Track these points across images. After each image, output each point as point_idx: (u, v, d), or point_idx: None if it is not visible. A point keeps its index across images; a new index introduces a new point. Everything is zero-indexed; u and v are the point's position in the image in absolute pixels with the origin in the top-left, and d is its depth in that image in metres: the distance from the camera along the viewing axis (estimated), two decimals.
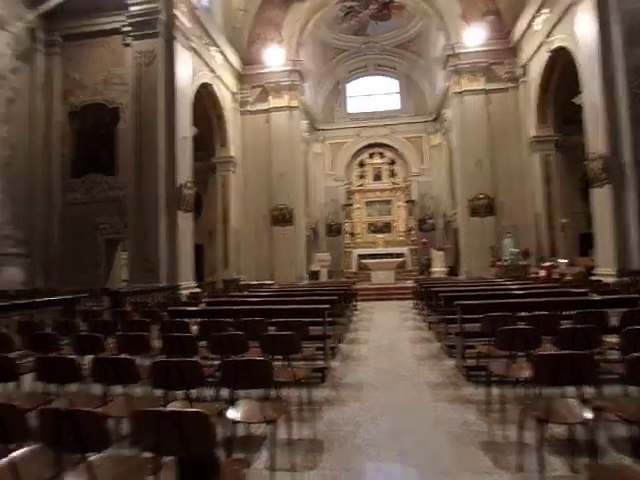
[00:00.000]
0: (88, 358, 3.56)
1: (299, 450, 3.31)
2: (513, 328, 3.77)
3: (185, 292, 10.89)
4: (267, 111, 17.40)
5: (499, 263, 14.14)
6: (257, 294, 8.67)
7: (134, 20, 11.81)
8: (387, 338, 8.10)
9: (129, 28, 11.92)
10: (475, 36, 15.71)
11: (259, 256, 16.76)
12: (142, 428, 1.73)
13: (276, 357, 3.73)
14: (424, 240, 21.04)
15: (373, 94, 23.64)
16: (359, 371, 5.77)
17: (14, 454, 1.98)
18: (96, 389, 3.66)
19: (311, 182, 21.19)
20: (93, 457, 1.96)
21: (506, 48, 15.89)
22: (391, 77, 23.34)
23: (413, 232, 21.99)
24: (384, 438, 3.57)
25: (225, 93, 16.03)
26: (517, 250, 14.04)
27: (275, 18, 17.24)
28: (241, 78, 17.29)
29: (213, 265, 16.01)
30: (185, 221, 11.92)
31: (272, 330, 4.47)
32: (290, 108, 17.36)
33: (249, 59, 17.25)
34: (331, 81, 23.16)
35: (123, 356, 2.97)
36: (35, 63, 12.11)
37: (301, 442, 3.47)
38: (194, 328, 4.72)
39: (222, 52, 15.31)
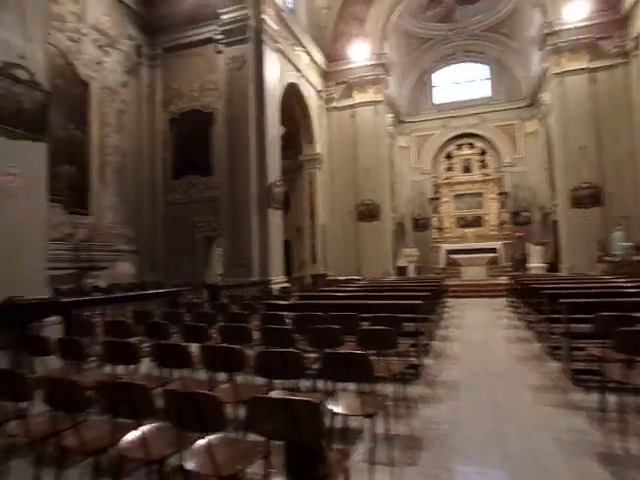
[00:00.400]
0: (194, 346, 3.85)
1: (397, 445, 3.28)
2: (636, 330, 3.40)
3: (275, 286, 11.30)
4: (352, 107, 17.45)
5: (608, 258, 12.85)
6: (346, 289, 8.74)
7: (226, 28, 12.44)
8: (480, 336, 7.76)
9: (221, 36, 12.57)
10: (577, 10, 14.37)
11: (346, 251, 16.89)
12: (256, 413, 1.82)
13: (369, 352, 3.73)
14: (519, 234, 19.77)
15: (461, 82, 22.65)
16: (453, 369, 5.58)
17: (143, 428, 2.19)
18: (201, 375, 3.94)
19: (397, 176, 20.87)
20: (209, 437, 2.10)
21: (614, 19, 14.31)
22: (481, 63, 22.17)
23: (506, 226, 20.77)
24: (485, 440, 3.42)
25: (311, 91, 16.33)
26: (630, 244, 12.65)
27: (358, 13, 17.19)
28: (326, 75, 17.51)
29: (301, 260, 16.44)
30: (275, 218, 12.37)
31: (365, 325, 4.48)
32: (375, 102, 17.24)
33: (333, 56, 17.39)
34: (416, 72, 22.57)
35: (229, 345, 3.14)
36: (141, 76, 13.25)
37: (398, 438, 3.44)
38: (288, 321, 4.88)
39: (307, 51, 15.61)
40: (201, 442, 2.11)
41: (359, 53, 16.77)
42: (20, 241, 5.59)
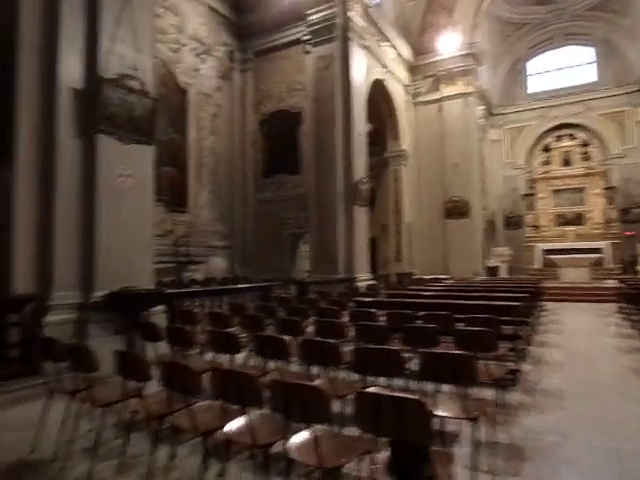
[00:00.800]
0: (288, 339, 3.95)
1: (498, 454, 3.12)
2: None
3: (361, 284, 11.30)
4: (439, 100, 16.90)
5: None
6: (435, 288, 8.49)
7: (313, 28, 12.63)
8: (585, 344, 7.12)
9: (308, 36, 12.79)
10: None
11: (432, 250, 16.43)
12: (362, 408, 1.82)
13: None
14: (629, 233, 17.87)
15: (560, 68, 20.93)
16: (554, 377, 5.18)
17: (249, 415, 2.29)
18: (294, 367, 4.05)
19: (487, 172, 19.85)
20: (313, 428, 2.14)
21: None
22: (584, 45, 20.31)
23: (613, 224, 18.86)
24: (599, 456, 3.12)
25: (397, 87, 16.07)
26: None
27: (447, 2, 16.56)
28: (412, 70, 17.13)
29: (386, 258, 16.27)
30: (361, 215, 12.37)
31: (460, 326, 4.31)
32: (464, 95, 16.54)
33: (420, 49, 16.96)
34: (509, 60, 21.28)
35: (326, 340, 3.18)
36: (233, 80, 13.90)
37: (499, 445, 3.26)
38: (380, 318, 4.84)
39: (394, 46, 15.38)
40: (305, 433, 2.15)
41: (448, 44, 16.16)
42: (131, 237, 6.14)
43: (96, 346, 3.24)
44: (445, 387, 3.29)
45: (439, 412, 2.60)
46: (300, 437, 2.16)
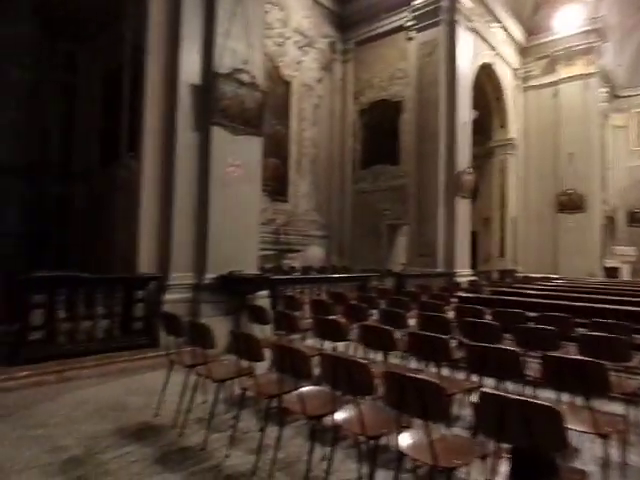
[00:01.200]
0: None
1: (629, 477, 2.77)
2: None
3: (461, 279, 10.83)
4: (554, 84, 15.49)
5: None
6: (544, 287, 7.84)
7: (417, 13, 12.24)
8: None
9: (412, 22, 12.42)
10: None
11: (540, 246, 15.22)
12: (485, 411, 1.70)
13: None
14: None
15: None
16: None
17: (361, 405, 2.28)
18: (394, 359, 3.98)
19: (608, 161, 17.83)
20: (432, 428, 2.06)
21: None
22: None
23: None
24: None
25: (505, 71, 15.02)
26: None
27: None
28: (524, 51, 15.88)
29: (487, 254, 15.42)
30: (463, 207, 11.84)
31: (581, 330, 3.91)
32: (584, 76, 14.97)
33: (533, 29, 15.64)
34: None
35: (436, 335, 3.06)
36: (333, 71, 13.99)
37: (629, 468, 2.90)
38: (487, 316, 4.57)
39: (504, 27, 14.36)
40: (416, 430, 2.08)
41: (566, 20, 14.71)
42: (239, 224, 6.47)
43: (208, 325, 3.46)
44: (564, 396, 3.01)
45: (567, 424, 2.36)
46: (413, 433, 2.10)
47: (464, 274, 11.51)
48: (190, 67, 6.18)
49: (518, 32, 15.26)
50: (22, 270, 6.23)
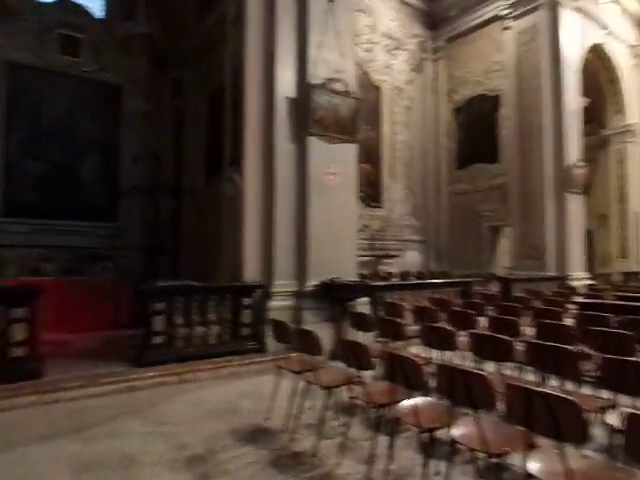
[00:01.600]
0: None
1: None
2: None
3: (575, 283, 9.86)
4: None
5: None
6: None
7: (513, 0, 11.52)
8: None
9: (508, 10, 11.70)
10: None
11: None
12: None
13: None
14: None
15: None
16: None
17: (482, 420, 2.14)
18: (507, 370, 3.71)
19: None
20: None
21: None
22: None
23: None
24: None
25: (620, 49, 13.49)
26: None
27: None
28: None
29: (605, 254, 13.89)
30: (575, 204, 10.80)
31: None
32: None
33: None
34: None
35: (557, 344, 2.79)
36: (424, 71, 13.63)
37: None
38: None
39: (616, 0, 12.92)
40: (550, 452, 1.90)
41: None
42: (338, 231, 6.54)
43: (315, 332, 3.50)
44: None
45: (618, 425, 2.02)
46: (543, 454, 1.91)
47: (579, 277, 10.47)
48: (285, 80, 6.42)
49: (635, 3, 13.62)
50: (143, 280, 6.89)
